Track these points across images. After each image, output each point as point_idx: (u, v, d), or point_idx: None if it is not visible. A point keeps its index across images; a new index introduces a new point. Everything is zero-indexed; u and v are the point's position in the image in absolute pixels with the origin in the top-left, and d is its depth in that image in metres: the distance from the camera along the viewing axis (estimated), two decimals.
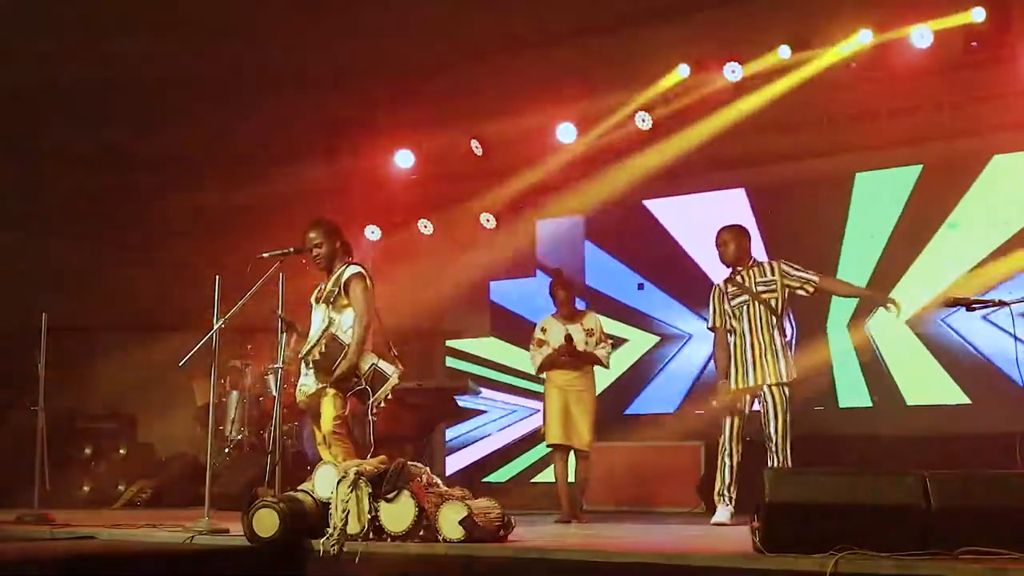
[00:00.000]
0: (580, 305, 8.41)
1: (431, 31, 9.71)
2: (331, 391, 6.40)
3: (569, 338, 7.71)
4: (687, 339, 10.46)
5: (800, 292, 7.14)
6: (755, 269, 7.22)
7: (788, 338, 7.21)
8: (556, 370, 7.80)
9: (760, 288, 7.13)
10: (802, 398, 7.51)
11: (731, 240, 7.27)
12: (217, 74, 9.93)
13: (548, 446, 7.92)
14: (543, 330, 7.91)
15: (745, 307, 7.15)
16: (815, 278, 7.15)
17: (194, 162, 11.02)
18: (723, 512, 7.03)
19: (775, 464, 6.84)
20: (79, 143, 10.88)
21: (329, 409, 6.40)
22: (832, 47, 8.88)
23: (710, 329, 7.41)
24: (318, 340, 6.38)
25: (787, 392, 7.00)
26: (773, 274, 7.15)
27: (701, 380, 10.04)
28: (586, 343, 7.77)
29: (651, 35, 9.59)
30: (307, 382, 6.53)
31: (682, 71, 9.51)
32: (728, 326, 7.22)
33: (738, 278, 7.24)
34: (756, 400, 7.12)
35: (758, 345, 7.07)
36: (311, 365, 6.44)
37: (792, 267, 7.17)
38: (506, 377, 11.10)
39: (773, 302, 7.10)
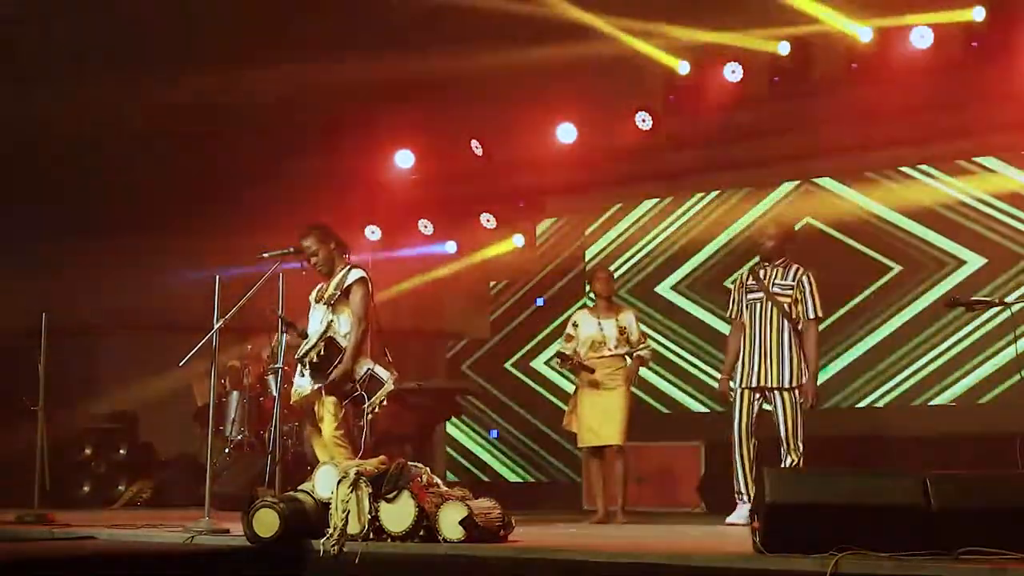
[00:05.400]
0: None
1: (430, 31, 9.69)
2: (328, 399, 6.43)
3: (563, 356, 7.54)
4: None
5: (786, 307, 7.03)
6: (779, 269, 7.12)
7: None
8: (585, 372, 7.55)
9: (776, 290, 7.05)
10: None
11: (774, 239, 7.17)
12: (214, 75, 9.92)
13: (579, 449, 7.87)
14: (575, 325, 7.68)
15: (758, 304, 7.08)
16: (810, 316, 7.01)
17: (194, 162, 11.00)
18: (741, 512, 6.92)
19: (788, 464, 6.80)
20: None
21: (329, 419, 6.44)
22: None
23: (728, 318, 7.35)
24: (316, 342, 6.40)
25: (796, 395, 6.93)
26: (793, 280, 7.06)
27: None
28: (617, 341, 7.53)
29: (651, 35, 9.57)
30: (303, 383, 6.54)
31: (682, 71, 9.50)
32: (742, 319, 7.17)
33: (760, 272, 7.16)
34: (762, 398, 7.02)
35: (765, 344, 6.99)
36: (308, 366, 6.45)
37: (811, 287, 7.03)
38: None
39: (787, 305, 7.02)
